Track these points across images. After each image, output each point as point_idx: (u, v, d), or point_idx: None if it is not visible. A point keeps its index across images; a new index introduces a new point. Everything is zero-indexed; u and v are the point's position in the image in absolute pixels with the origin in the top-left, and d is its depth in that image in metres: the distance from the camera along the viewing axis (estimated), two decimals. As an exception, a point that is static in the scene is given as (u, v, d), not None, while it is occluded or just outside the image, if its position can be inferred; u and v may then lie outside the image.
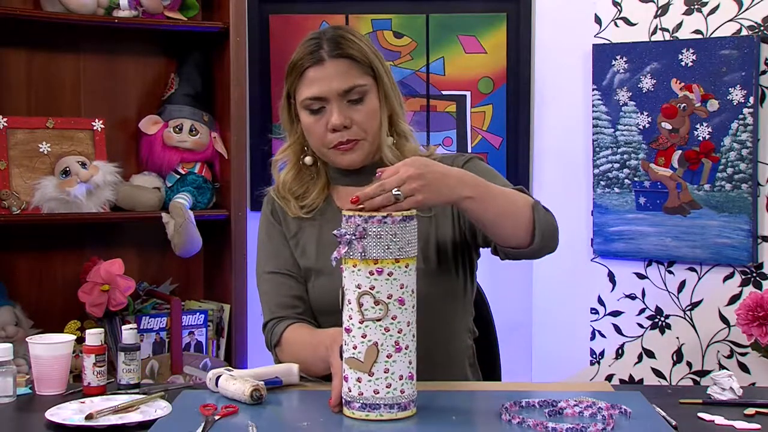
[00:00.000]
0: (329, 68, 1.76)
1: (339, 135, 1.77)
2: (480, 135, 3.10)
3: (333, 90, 1.75)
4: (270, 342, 1.84)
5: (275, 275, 1.86)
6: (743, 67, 2.59)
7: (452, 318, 1.85)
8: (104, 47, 2.87)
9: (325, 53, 1.76)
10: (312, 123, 1.78)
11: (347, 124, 1.76)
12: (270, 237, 1.90)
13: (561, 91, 2.99)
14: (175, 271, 2.96)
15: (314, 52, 1.76)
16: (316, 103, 1.77)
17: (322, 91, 1.76)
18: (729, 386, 1.62)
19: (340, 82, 1.75)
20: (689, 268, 2.74)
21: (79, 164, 2.67)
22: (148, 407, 1.58)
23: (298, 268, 1.86)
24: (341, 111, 1.76)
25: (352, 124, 1.77)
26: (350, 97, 1.76)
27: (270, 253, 1.89)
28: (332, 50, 1.76)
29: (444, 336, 1.83)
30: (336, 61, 1.76)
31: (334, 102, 1.76)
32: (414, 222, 1.49)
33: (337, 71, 1.75)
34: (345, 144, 1.78)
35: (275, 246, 1.88)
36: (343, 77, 1.76)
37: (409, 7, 3.09)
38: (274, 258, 1.88)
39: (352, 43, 1.78)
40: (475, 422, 1.51)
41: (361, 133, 1.78)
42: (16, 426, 1.59)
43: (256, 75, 3.07)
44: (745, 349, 2.61)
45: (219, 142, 2.85)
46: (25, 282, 2.79)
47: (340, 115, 1.75)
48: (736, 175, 2.62)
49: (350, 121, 1.77)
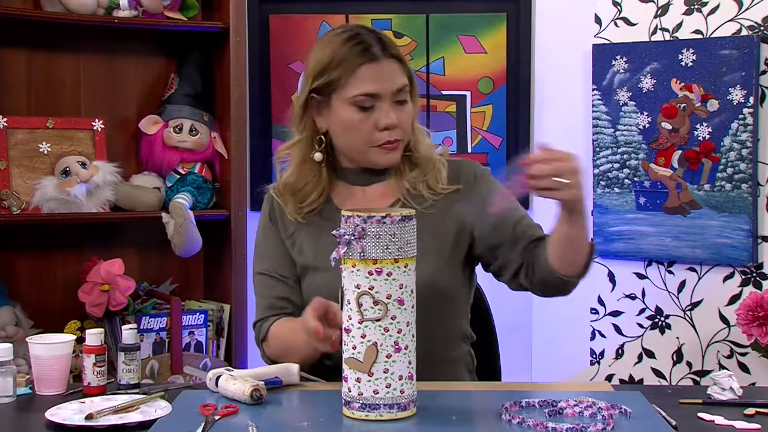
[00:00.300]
0: (384, 66, 1.77)
1: (388, 134, 1.78)
2: (480, 135, 3.10)
3: (388, 88, 1.77)
4: (258, 339, 1.89)
5: (265, 276, 1.90)
6: (743, 67, 2.59)
7: (450, 320, 1.85)
8: (104, 47, 2.87)
9: (379, 51, 1.77)
10: (359, 120, 1.78)
11: (397, 123, 1.79)
12: (265, 237, 1.92)
13: (561, 91, 2.99)
14: (175, 271, 2.96)
15: (367, 49, 1.77)
16: (369, 100, 1.77)
17: (377, 89, 1.76)
18: (729, 386, 1.62)
19: (394, 82, 1.78)
20: (689, 268, 2.74)
21: (79, 164, 2.67)
22: (148, 407, 1.58)
23: (289, 271, 1.88)
24: (392, 110, 1.78)
25: (398, 125, 1.79)
26: (398, 97, 1.79)
27: (263, 254, 1.92)
28: (384, 49, 1.78)
29: (440, 339, 1.83)
30: (389, 60, 1.78)
31: (386, 101, 1.77)
32: (413, 222, 1.49)
33: (390, 70, 1.78)
34: (392, 143, 1.79)
35: (268, 248, 1.91)
36: (395, 76, 1.78)
37: (409, 7, 3.09)
38: (267, 259, 1.90)
39: (394, 45, 1.82)
40: (475, 422, 1.51)
41: (402, 134, 1.81)
42: (16, 426, 1.59)
43: (256, 75, 3.07)
44: (745, 349, 2.61)
45: (219, 142, 2.86)
46: (25, 282, 2.79)
47: (392, 115, 1.77)
48: (736, 175, 2.62)
49: (397, 121, 1.79)
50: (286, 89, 3.10)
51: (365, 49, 1.77)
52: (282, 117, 3.10)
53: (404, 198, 1.84)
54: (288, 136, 1.92)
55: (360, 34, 1.79)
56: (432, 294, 1.75)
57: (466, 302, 1.92)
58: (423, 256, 1.75)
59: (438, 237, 1.82)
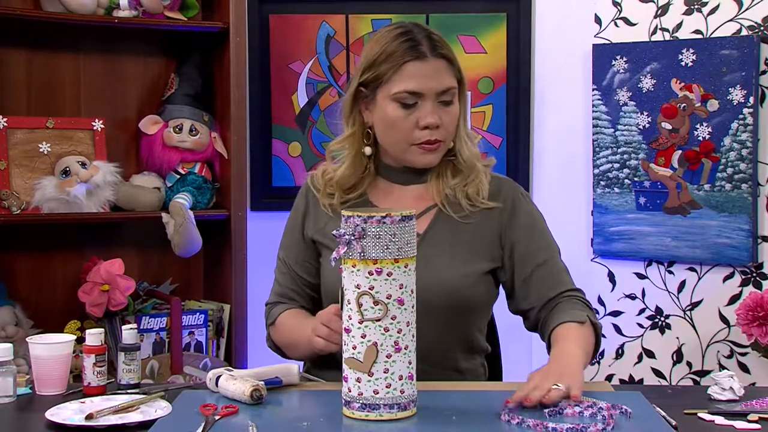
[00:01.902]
0: (431, 66, 1.76)
1: (428, 133, 1.77)
2: (480, 135, 3.10)
3: (432, 88, 1.76)
4: (267, 321, 1.93)
5: (282, 263, 1.94)
6: (743, 67, 2.59)
7: (467, 331, 1.86)
8: (104, 47, 2.87)
9: (427, 50, 1.76)
10: (401, 117, 1.77)
11: (439, 123, 1.77)
12: (292, 228, 1.94)
13: (561, 91, 2.99)
14: (175, 271, 2.96)
15: (415, 47, 1.76)
16: (412, 98, 1.76)
17: (421, 87, 1.75)
18: (729, 386, 1.62)
19: (440, 82, 1.76)
20: (689, 268, 2.74)
21: (79, 164, 2.67)
22: (148, 407, 1.58)
23: (302, 268, 1.91)
24: (435, 110, 1.77)
25: (440, 125, 1.78)
26: (443, 98, 1.77)
27: (285, 243, 1.95)
28: (433, 48, 1.77)
29: (455, 349, 1.85)
30: (437, 60, 1.77)
31: (429, 100, 1.76)
32: (413, 222, 1.49)
33: (437, 70, 1.76)
34: (432, 143, 1.78)
35: (291, 240, 1.93)
36: (442, 77, 1.77)
37: (409, 7, 3.09)
38: (287, 249, 1.94)
39: (445, 45, 1.80)
40: (475, 422, 1.51)
41: (445, 135, 1.79)
42: (16, 426, 1.59)
43: (256, 75, 3.07)
44: (745, 349, 2.61)
45: (219, 142, 2.85)
46: (25, 282, 2.79)
47: (434, 114, 1.76)
48: (736, 175, 2.62)
49: (440, 121, 1.77)
50: (286, 89, 3.10)
51: (413, 47, 1.76)
52: (282, 117, 3.11)
53: (442, 203, 1.83)
54: (287, 136, 1.92)
55: (410, 31, 1.79)
56: (454, 303, 1.77)
57: (485, 316, 1.92)
58: (452, 264, 1.76)
59: (468, 247, 1.82)
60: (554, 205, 3.02)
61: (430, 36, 1.79)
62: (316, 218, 1.90)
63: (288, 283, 1.92)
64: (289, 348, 1.87)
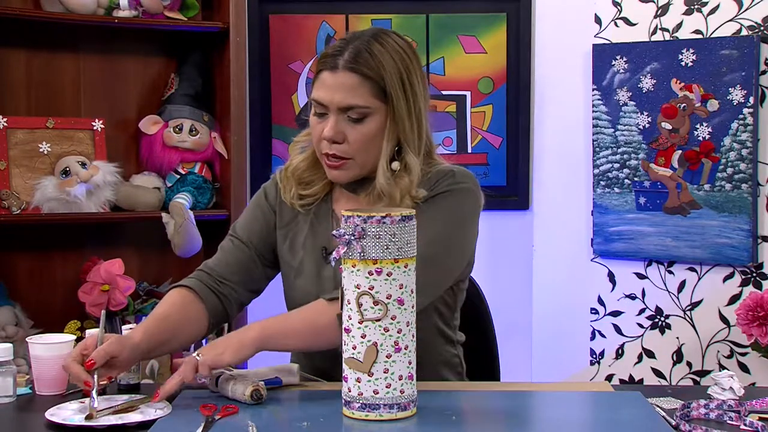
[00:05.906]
0: (339, 78, 1.69)
1: (328, 146, 1.72)
2: (480, 135, 3.10)
3: (334, 102, 1.70)
4: (181, 280, 1.85)
5: (233, 239, 1.86)
6: (743, 67, 2.59)
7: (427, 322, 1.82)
8: (104, 47, 2.87)
9: (342, 61, 1.70)
10: (314, 123, 1.76)
11: (338, 139, 1.71)
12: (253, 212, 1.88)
13: (561, 91, 2.99)
14: (175, 271, 2.95)
15: (335, 55, 1.71)
16: (320, 108, 1.73)
17: (323, 98, 1.71)
18: (729, 386, 1.62)
19: (342, 97, 1.69)
20: (689, 268, 2.74)
21: (79, 164, 2.67)
22: (148, 407, 1.58)
23: (261, 245, 1.85)
24: (336, 124, 1.71)
25: (344, 141, 1.71)
26: (350, 114, 1.70)
27: (243, 221, 1.88)
28: (349, 61, 1.69)
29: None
30: (349, 74, 1.69)
31: (332, 114, 1.71)
32: (413, 222, 1.49)
33: (344, 84, 1.69)
34: (333, 159, 1.73)
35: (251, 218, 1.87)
36: (347, 92, 1.69)
37: (409, 7, 3.09)
38: (241, 227, 1.87)
39: (373, 59, 1.69)
40: (475, 422, 1.51)
41: (351, 153, 1.72)
42: (16, 426, 1.59)
43: (256, 75, 3.07)
44: (745, 349, 2.61)
45: (219, 142, 2.85)
46: (25, 282, 2.79)
47: (332, 129, 1.70)
48: (736, 175, 2.62)
49: (343, 137, 1.71)
50: (286, 89, 3.10)
51: (333, 56, 1.71)
52: (282, 117, 3.11)
53: None
54: (287, 136, 1.91)
55: (346, 40, 1.74)
56: None
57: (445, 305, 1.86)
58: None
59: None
60: (554, 205, 3.03)
61: (359, 48, 1.70)
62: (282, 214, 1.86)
63: (228, 259, 1.83)
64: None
